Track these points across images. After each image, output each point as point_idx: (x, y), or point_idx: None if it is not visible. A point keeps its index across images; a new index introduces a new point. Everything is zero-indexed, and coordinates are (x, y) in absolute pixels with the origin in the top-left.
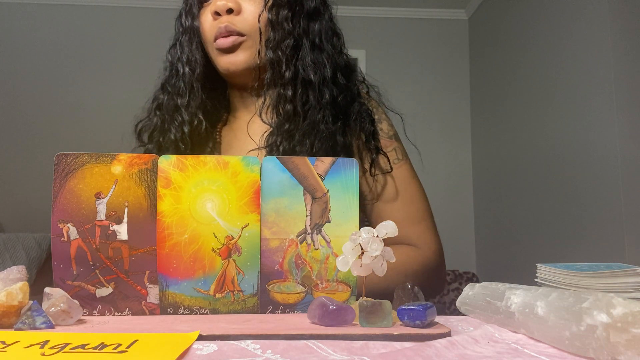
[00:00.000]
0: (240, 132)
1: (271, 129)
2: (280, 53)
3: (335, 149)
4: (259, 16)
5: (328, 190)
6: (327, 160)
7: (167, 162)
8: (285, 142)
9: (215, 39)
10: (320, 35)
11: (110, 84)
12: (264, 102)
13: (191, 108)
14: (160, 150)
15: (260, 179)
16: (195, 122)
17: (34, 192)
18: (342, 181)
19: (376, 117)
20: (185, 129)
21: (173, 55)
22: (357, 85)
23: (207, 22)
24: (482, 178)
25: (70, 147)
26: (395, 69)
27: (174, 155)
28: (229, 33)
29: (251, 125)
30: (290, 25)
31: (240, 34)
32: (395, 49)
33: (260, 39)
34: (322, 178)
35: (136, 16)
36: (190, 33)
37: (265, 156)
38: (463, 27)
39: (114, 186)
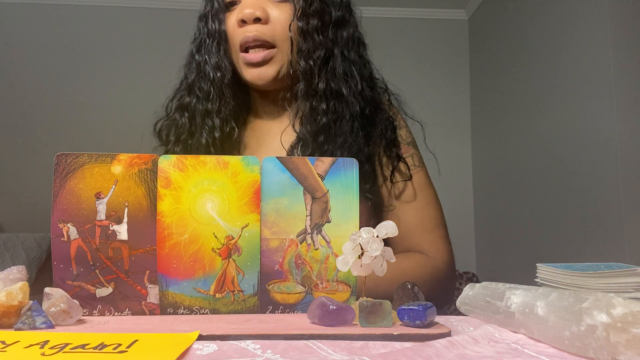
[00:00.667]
0: (262, 137)
1: (300, 139)
2: (312, 63)
3: (361, 159)
4: (290, 25)
5: (328, 190)
6: (327, 160)
7: (167, 162)
8: (316, 154)
9: (242, 46)
10: (347, 45)
11: (110, 84)
12: (296, 114)
13: (222, 114)
14: (189, 153)
15: (260, 179)
16: (228, 129)
17: (34, 192)
18: (342, 181)
19: (395, 123)
20: (217, 134)
21: (199, 58)
22: (380, 94)
23: (233, 28)
24: (482, 178)
25: (70, 147)
26: (395, 69)
27: (174, 155)
28: (257, 44)
29: (278, 133)
30: (321, 35)
31: (270, 46)
32: (395, 49)
33: (292, 49)
34: (322, 178)
35: (137, 16)
36: (217, 38)
37: None
38: (463, 27)
39: (114, 186)
